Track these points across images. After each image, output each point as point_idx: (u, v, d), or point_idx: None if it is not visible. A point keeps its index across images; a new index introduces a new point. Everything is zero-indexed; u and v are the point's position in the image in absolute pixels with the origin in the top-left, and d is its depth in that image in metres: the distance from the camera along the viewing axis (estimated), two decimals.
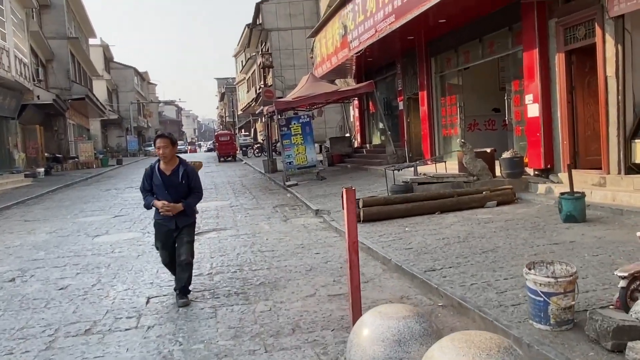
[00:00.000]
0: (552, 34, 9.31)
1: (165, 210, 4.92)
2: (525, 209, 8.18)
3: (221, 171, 24.74)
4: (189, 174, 5.05)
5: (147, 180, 5.07)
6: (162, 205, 4.92)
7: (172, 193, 4.98)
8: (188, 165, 5.14)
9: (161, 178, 4.99)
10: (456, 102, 13.58)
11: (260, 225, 9.25)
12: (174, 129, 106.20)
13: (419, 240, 6.65)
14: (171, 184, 4.99)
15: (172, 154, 5.00)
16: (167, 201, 4.93)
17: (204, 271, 6.23)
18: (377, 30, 12.95)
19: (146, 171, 5.12)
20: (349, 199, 3.42)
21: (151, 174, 5.04)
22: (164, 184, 4.97)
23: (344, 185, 13.38)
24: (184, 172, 5.03)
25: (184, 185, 5.03)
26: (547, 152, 9.53)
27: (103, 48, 48.84)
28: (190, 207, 5.15)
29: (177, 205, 4.96)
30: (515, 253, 5.62)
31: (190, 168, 5.10)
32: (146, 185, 5.09)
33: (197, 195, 5.17)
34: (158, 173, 5.00)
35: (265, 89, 33.22)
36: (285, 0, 34.59)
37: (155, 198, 5.03)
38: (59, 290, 5.75)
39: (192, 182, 5.09)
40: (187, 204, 5.06)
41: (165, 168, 5.03)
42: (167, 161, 5.01)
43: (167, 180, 4.99)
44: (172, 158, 5.03)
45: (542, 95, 9.47)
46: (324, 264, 6.23)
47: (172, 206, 4.93)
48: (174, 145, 5.02)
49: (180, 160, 5.12)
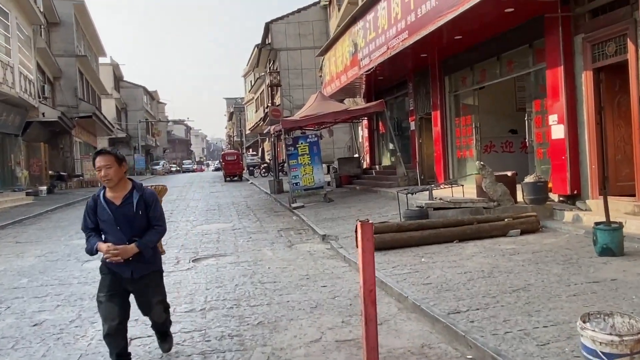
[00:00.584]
0: (578, 51, 8.69)
1: (112, 255, 3.62)
2: (552, 239, 7.46)
3: (226, 191, 24.15)
4: (147, 200, 3.80)
5: (90, 216, 3.77)
6: (107, 250, 3.61)
7: (127, 230, 3.72)
8: (145, 189, 3.87)
9: (109, 210, 3.70)
10: (471, 122, 12.94)
11: (263, 251, 8.59)
12: (182, 148, 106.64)
13: (438, 273, 5.95)
14: (124, 218, 3.71)
15: (119, 175, 3.72)
16: (120, 242, 3.67)
17: (196, 306, 5.56)
18: (390, 47, 12.42)
19: (88, 204, 3.80)
20: (365, 235, 2.74)
21: (95, 207, 3.76)
22: (115, 219, 3.69)
23: (352, 208, 12.85)
24: (140, 199, 3.77)
25: (141, 217, 3.77)
26: (573, 176, 8.84)
27: (113, 67, 48.93)
28: (148, 247, 3.80)
29: (127, 247, 3.68)
30: (550, 293, 4.91)
31: (148, 193, 3.85)
32: (89, 223, 3.78)
33: (158, 229, 3.87)
34: (105, 204, 3.72)
35: (272, 108, 32.86)
36: (295, 21, 34.43)
37: (103, 239, 3.75)
38: (32, 327, 5.10)
39: (151, 212, 3.82)
40: (144, 244, 3.74)
41: (113, 196, 3.74)
42: (113, 186, 3.73)
43: (118, 213, 3.70)
44: (121, 182, 3.76)
45: (567, 115, 8.81)
46: (331, 300, 5.54)
47: (121, 249, 3.63)
48: (121, 164, 3.74)
49: (134, 184, 3.86)
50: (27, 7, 21.40)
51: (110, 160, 3.68)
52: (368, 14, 13.96)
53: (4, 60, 18.68)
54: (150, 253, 3.85)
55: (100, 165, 3.66)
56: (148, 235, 3.79)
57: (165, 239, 10.15)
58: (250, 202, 17.74)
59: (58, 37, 30.37)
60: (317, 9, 34.40)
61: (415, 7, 10.76)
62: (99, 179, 3.74)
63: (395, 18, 11.98)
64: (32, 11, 21.94)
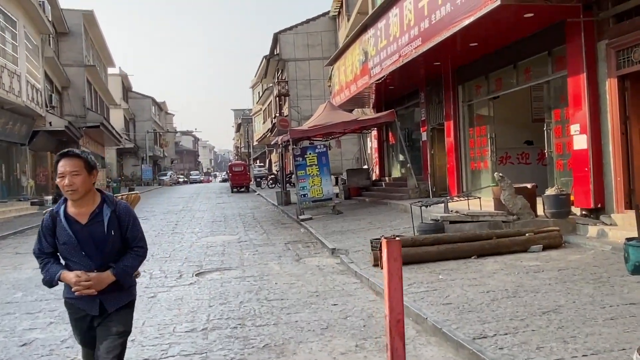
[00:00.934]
0: (601, 57, 8.29)
1: (83, 287, 2.76)
2: (577, 256, 7.01)
3: (233, 202, 23.80)
4: (122, 217, 2.92)
5: (46, 238, 2.87)
6: (76, 281, 2.75)
7: (96, 256, 2.83)
8: (118, 203, 2.98)
9: (71, 231, 2.80)
10: (486, 133, 12.52)
11: (270, 265, 8.19)
12: (190, 159, 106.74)
13: (458, 292, 5.52)
14: (92, 240, 2.82)
15: (87, 186, 2.82)
16: (85, 270, 2.80)
17: (198, 325, 5.15)
18: (402, 55, 12.07)
19: (44, 222, 2.89)
20: (392, 254, 2.32)
21: (52, 227, 2.86)
22: (79, 241, 2.80)
23: (362, 220, 12.42)
24: (112, 215, 2.88)
25: (114, 238, 2.88)
26: (597, 189, 8.39)
27: (122, 77, 49.02)
28: (128, 275, 2.95)
29: (102, 275, 2.80)
30: (585, 316, 4.47)
31: (122, 208, 2.95)
32: (45, 246, 2.88)
33: (139, 252, 2.99)
34: (66, 223, 2.82)
35: (280, 118, 32.60)
36: (303, 31, 34.25)
37: (64, 266, 2.88)
38: (20, 347, 4.72)
39: (128, 231, 2.94)
40: (122, 272, 2.88)
41: (77, 213, 2.84)
42: (78, 199, 2.81)
43: (84, 234, 2.82)
44: (88, 194, 2.85)
45: (590, 125, 8.39)
46: (342, 320, 5.12)
47: (94, 278, 2.78)
48: (91, 171, 2.85)
49: (104, 196, 2.94)
50: (35, 16, 21.33)
51: (78, 165, 2.80)
52: (379, 22, 13.64)
53: (10, 68, 18.54)
54: (130, 283, 3.00)
55: (65, 171, 2.77)
56: (127, 260, 2.91)
57: (169, 252, 9.79)
58: (257, 214, 17.36)
59: (67, 47, 30.36)
60: (326, 19, 34.22)
61: (429, 13, 10.42)
62: (61, 188, 2.80)
63: (408, 25, 11.64)
64: (40, 20, 21.87)
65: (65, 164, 2.80)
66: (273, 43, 36.24)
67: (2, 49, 18.22)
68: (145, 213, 18.68)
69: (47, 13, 23.55)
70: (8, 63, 18.43)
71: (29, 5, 20.19)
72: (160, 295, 6.47)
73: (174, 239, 11.43)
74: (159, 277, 7.56)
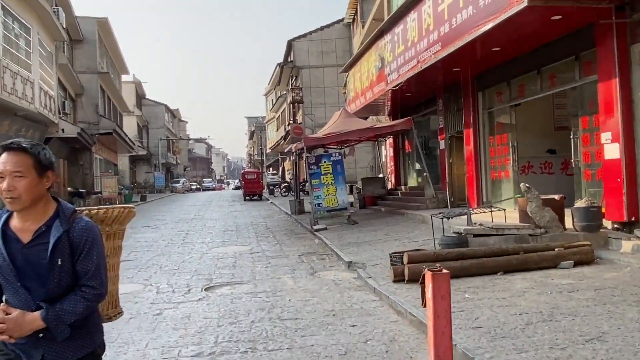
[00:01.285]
0: (635, 61, 7.82)
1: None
2: (613, 273, 6.52)
3: (245, 211, 23.48)
4: (76, 242, 2.08)
5: None
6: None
7: (37, 289, 2.05)
8: (77, 220, 2.12)
9: (7, 251, 2.05)
10: (508, 141, 12.04)
11: (283, 279, 7.79)
12: (203, 166, 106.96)
13: (487, 314, 5.08)
14: (30, 267, 2.04)
15: (35, 193, 2.06)
16: (23, 308, 2.03)
17: (205, 349, 4.77)
18: (420, 60, 11.66)
19: None
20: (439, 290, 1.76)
21: None
22: (15, 267, 2.04)
23: (379, 231, 11.96)
24: (63, 237, 2.06)
25: (62, 269, 2.05)
26: (630, 201, 7.89)
27: (135, 85, 49.20)
28: (62, 323, 2.04)
29: (27, 317, 2.01)
30: (635, 346, 4.01)
31: (80, 229, 2.10)
32: None
33: (87, 294, 2.08)
34: (1, 239, 2.07)
35: (294, 125, 32.27)
36: (318, 38, 34.02)
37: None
38: None
39: (79, 261, 2.09)
40: (54, 317, 2.02)
41: (21, 227, 2.09)
42: (20, 209, 2.07)
43: (21, 258, 2.05)
44: (38, 204, 2.09)
45: (623, 133, 7.91)
46: (362, 344, 4.71)
47: (14, 319, 1.99)
48: (42, 173, 2.08)
49: (61, 207, 2.15)
50: (49, 24, 21.30)
51: (24, 163, 2.03)
52: (396, 27, 13.27)
53: (24, 75, 18.46)
54: (65, 334, 2.06)
55: (5, 170, 2.02)
56: (67, 302, 2.04)
57: (178, 264, 9.45)
58: (270, 223, 17.00)
59: (81, 54, 30.41)
60: (340, 26, 33.95)
61: (450, 17, 10.02)
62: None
63: (426, 30, 11.25)
64: (54, 27, 21.84)
65: (7, 160, 2.02)
66: (287, 50, 36.06)
67: (16, 55, 18.16)
68: (156, 221, 18.43)
69: (61, 20, 23.56)
70: (22, 70, 18.35)
71: (43, 12, 20.16)
72: (167, 312, 6.11)
73: (184, 249, 11.09)
74: (166, 292, 7.20)
